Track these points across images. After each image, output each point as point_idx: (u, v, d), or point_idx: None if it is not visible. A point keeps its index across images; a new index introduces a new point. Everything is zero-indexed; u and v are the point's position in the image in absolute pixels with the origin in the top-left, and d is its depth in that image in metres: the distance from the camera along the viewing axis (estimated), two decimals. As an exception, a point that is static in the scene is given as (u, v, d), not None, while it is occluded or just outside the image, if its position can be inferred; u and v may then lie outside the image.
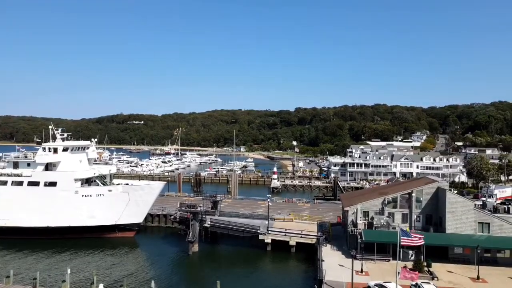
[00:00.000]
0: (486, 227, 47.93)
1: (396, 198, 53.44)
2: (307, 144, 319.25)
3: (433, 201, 51.62)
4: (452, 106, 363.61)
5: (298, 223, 65.98)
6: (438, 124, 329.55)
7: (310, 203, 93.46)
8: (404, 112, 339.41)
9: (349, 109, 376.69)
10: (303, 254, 55.49)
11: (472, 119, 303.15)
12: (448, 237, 47.53)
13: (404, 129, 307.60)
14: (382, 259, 46.73)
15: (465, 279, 41.14)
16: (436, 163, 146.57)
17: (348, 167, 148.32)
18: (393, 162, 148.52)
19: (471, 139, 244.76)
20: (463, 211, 48.09)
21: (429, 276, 40.90)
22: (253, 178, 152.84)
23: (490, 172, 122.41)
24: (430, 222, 51.61)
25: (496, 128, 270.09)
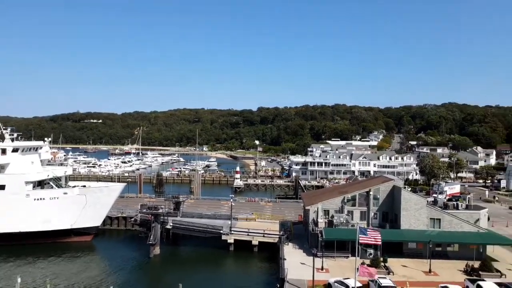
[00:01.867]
0: (437, 222, 50.72)
1: (355, 197, 55.26)
2: (269, 144, 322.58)
3: (389, 199, 53.91)
4: (406, 107, 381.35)
5: (261, 222, 66.49)
6: (393, 124, 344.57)
7: (272, 202, 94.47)
8: (363, 112, 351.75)
9: (310, 109, 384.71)
10: (266, 253, 56.02)
11: (425, 119, 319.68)
12: (403, 233, 49.88)
13: (363, 129, 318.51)
14: (342, 256, 48.19)
15: (418, 272, 43.36)
16: (392, 161, 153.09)
17: (309, 166, 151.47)
18: (352, 161, 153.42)
19: (424, 138, 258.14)
20: (416, 208, 50.60)
21: (385, 271, 42.69)
22: (216, 178, 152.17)
23: (440, 170, 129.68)
24: (386, 219, 53.88)
25: (446, 128, 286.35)
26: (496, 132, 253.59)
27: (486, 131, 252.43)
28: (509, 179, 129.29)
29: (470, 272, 43.10)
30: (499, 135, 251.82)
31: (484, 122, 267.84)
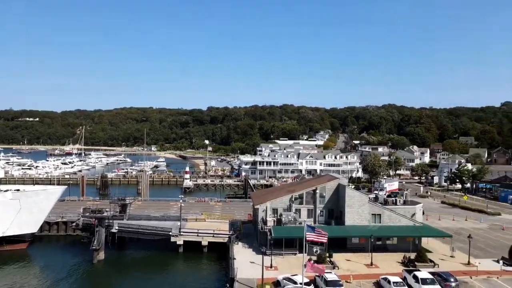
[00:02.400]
0: (378, 218, 53.78)
1: (302, 195, 56.86)
2: (219, 143, 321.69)
3: (335, 197, 56.19)
4: (350, 108, 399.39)
5: (211, 222, 66.20)
6: (338, 124, 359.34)
7: (222, 202, 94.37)
8: (309, 112, 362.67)
9: (259, 109, 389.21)
10: (216, 253, 55.90)
11: (367, 120, 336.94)
12: (347, 229, 52.29)
13: (309, 129, 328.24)
14: (290, 253, 49.42)
15: (360, 265, 45.71)
16: (337, 160, 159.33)
17: (258, 166, 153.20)
18: (300, 160, 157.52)
19: (366, 138, 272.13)
20: (359, 204, 53.27)
21: (331, 266, 44.51)
22: (164, 178, 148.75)
23: (381, 168, 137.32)
24: (332, 216, 56.07)
25: (386, 128, 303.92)
26: (430, 132, 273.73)
27: (421, 131, 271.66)
28: (441, 176, 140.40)
29: (407, 263, 46.23)
30: (432, 135, 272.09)
31: (420, 123, 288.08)
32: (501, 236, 61.45)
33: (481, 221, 74.08)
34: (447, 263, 46.76)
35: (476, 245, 53.42)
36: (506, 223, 72.58)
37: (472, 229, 63.83)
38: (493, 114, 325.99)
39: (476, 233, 60.99)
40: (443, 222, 72.32)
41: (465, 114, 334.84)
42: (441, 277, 38.80)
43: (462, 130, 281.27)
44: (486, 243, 57.10)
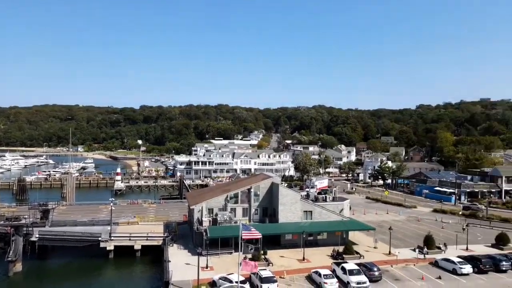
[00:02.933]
0: (309, 214, 56.25)
1: (237, 194, 57.41)
2: (153, 143, 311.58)
3: (269, 195, 57.62)
4: (283, 108, 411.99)
5: (144, 225, 64.06)
6: (272, 124, 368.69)
7: (156, 204, 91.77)
8: (244, 112, 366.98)
9: (194, 108, 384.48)
10: (150, 257, 54.16)
11: (299, 120, 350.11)
12: (281, 226, 53.96)
13: (244, 129, 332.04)
14: (226, 252, 49.69)
15: (293, 261, 47.49)
16: (270, 159, 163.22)
17: (194, 166, 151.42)
18: (235, 159, 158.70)
19: (298, 137, 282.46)
20: (292, 202, 55.24)
21: (266, 263, 45.64)
22: (93, 181, 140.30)
23: (312, 166, 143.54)
24: (266, 214, 57.40)
25: (316, 128, 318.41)
26: (355, 132, 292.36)
27: (348, 131, 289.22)
28: (366, 173, 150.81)
29: (336, 256, 49.03)
30: (358, 134, 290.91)
31: (347, 123, 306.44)
32: (417, 227, 67.83)
33: (400, 214, 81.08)
34: (371, 254, 50.46)
35: (396, 236, 58.34)
36: (421, 215, 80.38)
37: (392, 222, 69.58)
38: (410, 115, 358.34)
39: (396, 225, 66.57)
40: (368, 216, 77.86)
41: (386, 116, 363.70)
42: (366, 267, 41.84)
43: (384, 130, 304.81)
44: (404, 233, 62.63)
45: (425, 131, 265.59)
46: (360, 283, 38.13)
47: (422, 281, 40.92)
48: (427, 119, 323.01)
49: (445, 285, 39.92)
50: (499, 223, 70.36)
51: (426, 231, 58.77)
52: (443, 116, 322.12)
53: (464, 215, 78.06)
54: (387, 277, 42.03)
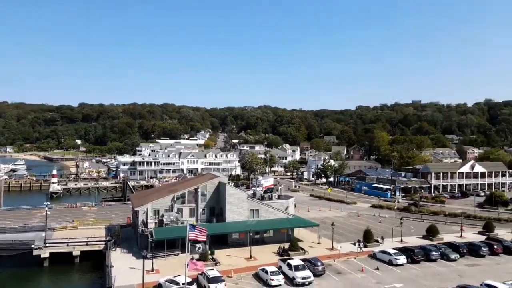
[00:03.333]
0: (256, 213, 57.04)
1: (184, 194, 56.62)
2: (93, 143, 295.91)
3: (216, 195, 57.52)
4: (229, 108, 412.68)
5: (84, 229, 60.80)
6: (218, 123, 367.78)
7: (97, 207, 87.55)
8: (191, 112, 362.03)
9: (138, 107, 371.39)
10: (90, 263, 51.48)
11: (245, 120, 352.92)
12: (228, 225, 54.13)
13: (191, 128, 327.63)
14: (172, 254, 48.77)
15: (241, 259, 47.87)
16: (217, 159, 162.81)
17: (138, 166, 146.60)
18: (181, 159, 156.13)
19: (244, 137, 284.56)
20: (239, 201, 55.65)
21: (213, 262, 45.55)
22: (25, 184, 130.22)
23: (258, 165, 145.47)
24: (213, 214, 57.25)
25: (262, 128, 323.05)
26: (300, 132, 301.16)
27: (293, 130, 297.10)
28: (309, 171, 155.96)
29: (282, 253, 50.22)
30: (302, 134, 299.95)
31: (291, 123, 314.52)
32: (357, 222, 71.59)
33: (341, 210, 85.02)
34: (315, 250, 52.37)
35: (338, 231, 61.09)
36: (360, 210, 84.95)
37: (334, 218, 72.78)
38: (350, 116, 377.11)
39: (338, 221, 69.74)
40: (312, 213, 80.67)
41: (328, 116, 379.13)
42: (311, 262, 43.39)
43: (326, 130, 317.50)
44: (345, 229, 65.80)
45: (364, 131, 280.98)
46: (305, 278, 39.48)
47: (362, 273, 43.34)
48: (366, 119, 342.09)
49: (382, 276, 42.63)
50: (429, 216, 76.55)
51: (365, 225, 62.23)
52: (380, 117, 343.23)
53: (399, 209, 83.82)
54: (330, 270, 43.95)
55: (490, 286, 36.50)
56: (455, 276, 42.66)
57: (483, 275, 42.29)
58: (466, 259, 49.28)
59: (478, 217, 73.99)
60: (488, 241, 54.12)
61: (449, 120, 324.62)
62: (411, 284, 39.42)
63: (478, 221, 70.26)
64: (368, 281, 40.91)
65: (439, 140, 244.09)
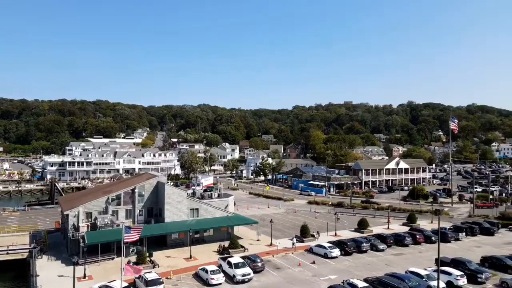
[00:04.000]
0: (196, 212, 56.41)
1: (120, 195, 54.16)
2: (14, 142, 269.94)
3: (154, 195, 55.83)
4: (168, 106, 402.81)
5: (4, 237, 55.42)
6: (157, 122, 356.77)
7: (20, 211, 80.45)
8: (126, 109, 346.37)
9: (67, 103, 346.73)
10: (12, 273, 47.12)
11: (184, 118, 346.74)
12: (167, 225, 52.86)
13: (127, 126, 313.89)
14: (107, 258, 46.44)
15: (180, 260, 47.02)
16: (155, 158, 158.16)
17: (68, 167, 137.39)
18: (117, 159, 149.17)
19: (184, 136, 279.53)
20: (178, 201, 54.62)
21: (151, 265, 44.19)
22: None
23: (197, 164, 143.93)
24: (151, 214, 55.55)
25: (202, 127, 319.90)
26: (239, 131, 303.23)
27: (232, 129, 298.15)
28: (248, 169, 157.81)
29: (222, 251, 50.27)
30: (241, 133, 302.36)
31: (230, 122, 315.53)
32: (295, 218, 74.01)
33: (279, 207, 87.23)
34: (254, 246, 53.16)
35: (276, 227, 62.63)
36: (297, 207, 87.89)
37: (273, 214, 74.45)
38: (287, 115, 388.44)
39: (276, 218, 71.40)
40: (251, 210, 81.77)
41: (266, 115, 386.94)
42: (250, 259, 43.96)
43: (264, 129, 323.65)
44: (283, 225, 67.68)
45: (300, 130, 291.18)
46: (245, 275, 39.94)
47: (299, 267, 44.93)
48: (302, 119, 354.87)
49: (318, 268, 44.57)
50: (360, 210, 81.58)
51: (302, 221, 64.52)
52: (315, 117, 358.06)
53: (333, 205, 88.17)
54: (269, 266, 44.94)
55: (414, 272, 39.89)
56: (383, 265, 45.98)
57: (408, 263, 46.13)
58: (392, 249, 53.33)
59: (403, 209, 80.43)
60: (411, 231, 59.12)
61: (377, 120, 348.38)
62: (344, 274, 41.70)
63: (402, 213, 76.33)
64: (305, 274, 42.52)
65: (369, 138, 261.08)
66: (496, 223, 65.60)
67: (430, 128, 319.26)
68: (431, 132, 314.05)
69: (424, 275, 38.94)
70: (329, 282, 39.06)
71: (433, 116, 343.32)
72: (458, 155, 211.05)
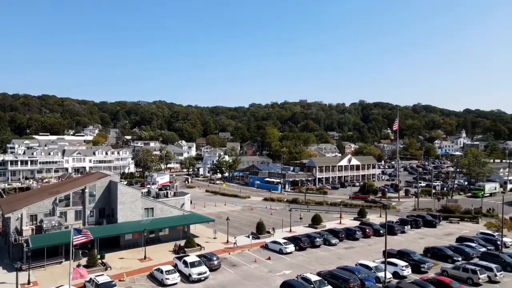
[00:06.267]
0: (151, 211, 55.22)
1: (68, 196, 51.75)
2: None
3: (106, 195, 53.92)
4: (121, 102, 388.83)
5: None
6: (109, 118, 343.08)
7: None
8: (76, 105, 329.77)
9: (9, 98, 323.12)
10: None
11: (139, 115, 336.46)
12: (120, 226, 51.28)
13: (76, 123, 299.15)
14: (54, 262, 44.21)
15: (135, 261, 45.85)
16: (108, 156, 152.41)
17: (10, 166, 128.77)
18: (65, 157, 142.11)
19: (138, 133, 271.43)
20: (132, 200, 53.17)
21: (103, 267, 42.71)
22: None
23: (153, 162, 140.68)
24: (103, 215, 53.64)
25: (157, 124, 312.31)
26: (195, 128, 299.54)
27: (189, 127, 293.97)
28: (205, 167, 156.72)
29: (178, 250, 49.70)
30: (198, 130, 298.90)
31: (187, 119, 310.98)
32: (251, 215, 74.71)
33: (236, 204, 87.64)
34: (211, 245, 53.10)
35: (233, 225, 62.95)
36: (254, 204, 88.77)
37: (229, 212, 74.69)
38: (243, 113, 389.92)
39: (233, 215, 71.82)
40: (208, 208, 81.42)
41: (223, 113, 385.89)
42: (206, 257, 43.87)
43: (221, 127, 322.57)
44: (240, 222, 68.12)
45: (256, 128, 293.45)
46: (201, 274, 39.82)
47: (255, 264, 45.54)
48: (258, 116, 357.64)
49: (273, 264, 45.44)
50: (314, 206, 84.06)
51: (258, 218, 65.29)
52: (271, 114, 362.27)
53: (288, 201, 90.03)
54: (226, 264, 45.12)
55: (363, 265, 41.91)
56: (335, 259, 47.83)
57: (358, 256, 48.35)
58: (344, 243, 55.58)
59: (354, 205, 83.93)
60: (361, 225, 61.95)
61: (330, 118, 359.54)
62: (298, 269, 42.87)
63: (354, 208, 79.69)
64: (260, 270, 43.18)
65: (323, 136, 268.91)
66: (438, 216, 70.51)
67: (380, 127, 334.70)
68: (380, 130, 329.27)
69: (373, 267, 41.05)
70: (284, 277, 39.96)
71: (383, 115, 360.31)
72: (405, 152, 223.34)
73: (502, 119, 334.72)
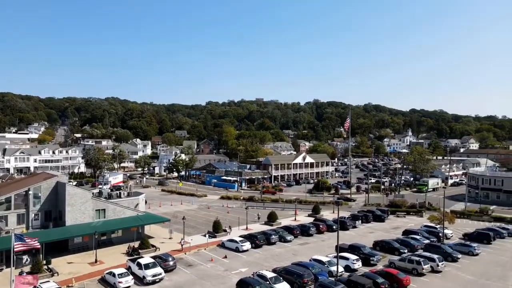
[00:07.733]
0: (102, 213, 53.01)
1: (10, 198, 48.44)
2: None
3: (53, 196, 51.08)
4: (70, 99, 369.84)
5: None
6: (57, 115, 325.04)
7: None
8: (19, 101, 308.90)
9: None
10: None
11: (90, 112, 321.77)
12: (68, 229, 48.76)
13: (19, 120, 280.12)
14: (-6, 270, 41.25)
15: (84, 265, 43.83)
16: (55, 155, 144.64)
17: None
18: (6, 156, 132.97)
19: (89, 131, 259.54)
20: (82, 202, 50.74)
21: (50, 273, 40.46)
22: None
23: (105, 161, 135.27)
24: (49, 218, 50.79)
25: (110, 121, 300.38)
26: (151, 126, 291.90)
27: (144, 125, 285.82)
28: (161, 166, 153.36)
29: (131, 252, 48.17)
30: (153, 128, 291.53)
31: (142, 117, 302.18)
32: (208, 214, 74.22)
33: (193, 203, 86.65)
34: (166, 245, 52.08)
35: (190, 224, 62.11)
36: (210, 202, 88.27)
37: (186, 211, 73.72)
38: (200, 111, 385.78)
39: (189, 214, 70.94)
40: (163, 208, 79.77)
41: (180, 111, 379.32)
42: (162, 258, 42.99)
43: (178, 125, 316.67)
44: (196, 221, 67.41)
45: (213, 126, 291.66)
46: (156, 275, 38.97)
47: (212, 263, 45.35)
48: (215, 115, 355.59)
49: (229, 263, 45.52)
50: (270, 203, 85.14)
51: (215, 217, 65.09)
52: (228, 113, 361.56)
53: (244, 199, 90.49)
54: (182, 264, 44.52)
55: (317, 260, 43.18)
56: (290, 255, 48.83)
57: (312, 251, 49.71)
58: (299, 239, 56.88)
59: (309, 201, 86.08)
60: (315, 222, 63.69)
61: (286, 117, 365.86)
62: (254, 267, 43.30)
63: (308, 205, 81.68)
64: (217, 269, 43.09)
65: (278, 134, 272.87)
66: (386, 211, 74.24)
67: (333, 125, 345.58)
68: (334, 129, 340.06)
69: (326, 262, 42.44)
70: (240, 275, 40.17)
71: (336, 114, 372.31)
72: (357, 150, 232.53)
73: (444, 119, 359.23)
